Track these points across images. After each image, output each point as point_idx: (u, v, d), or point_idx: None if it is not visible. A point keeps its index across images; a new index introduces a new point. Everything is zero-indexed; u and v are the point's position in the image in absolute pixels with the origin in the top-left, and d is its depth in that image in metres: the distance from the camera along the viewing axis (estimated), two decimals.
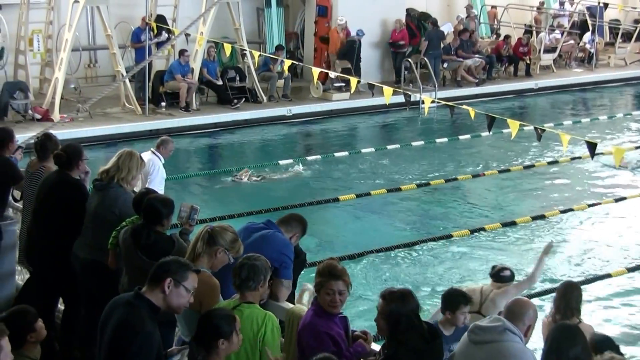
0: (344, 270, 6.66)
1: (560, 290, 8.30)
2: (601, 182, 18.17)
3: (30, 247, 9.11)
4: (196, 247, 6.86)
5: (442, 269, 13.49)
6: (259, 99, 23.31)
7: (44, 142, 9.80)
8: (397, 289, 6.30)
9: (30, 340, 6.60)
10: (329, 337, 6.49)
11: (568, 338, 6.09)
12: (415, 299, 6.18)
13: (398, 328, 6.02)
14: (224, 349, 5.80)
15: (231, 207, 15.72)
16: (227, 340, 5.80)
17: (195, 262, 6.73)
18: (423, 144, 21.33)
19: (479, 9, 30.21)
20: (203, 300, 6.62)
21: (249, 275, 6.50)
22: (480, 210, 16.39)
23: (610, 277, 13.25)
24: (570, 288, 8.27)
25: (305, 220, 8.36)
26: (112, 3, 21.47)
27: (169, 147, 12.80)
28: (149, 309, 5.71)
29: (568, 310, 8.04)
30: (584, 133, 20.63)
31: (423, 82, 25.07)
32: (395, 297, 6.14)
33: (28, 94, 20.40)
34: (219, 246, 6.84)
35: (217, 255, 6.86)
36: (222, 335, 5.78)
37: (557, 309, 8.09)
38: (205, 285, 6.64)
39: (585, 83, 28.77)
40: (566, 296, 8.15)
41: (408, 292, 6.23)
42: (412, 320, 6.08)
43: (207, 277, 6.71)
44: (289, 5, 27.16)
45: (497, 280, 9.06)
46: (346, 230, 15.40)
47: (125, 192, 8.60)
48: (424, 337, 6.08)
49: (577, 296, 8.18)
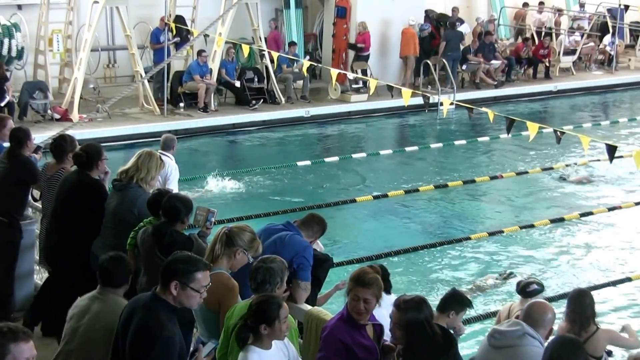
0: (376, 279, 6.43)
1: (572, 300, 7.94)
2: (621, 185, 18.07)
3: (50, 247, 9.11)
4: (214, 249, 6.86)
5: (460, 271, 13.47)
6: (277, 100, 23.32)
7: (59, 143, 9.73)
8: (411, 297, 6.23)
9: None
10: (342, 345, 6.33)
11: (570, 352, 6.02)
12: (429, 306, 6.17)
13: (414, 338, 5.99)
14: (266, 334, 5.89)
15: (249, 208, 15.72)
16: (270, 326, 5.88)
17: (215, 263, 6.74)
18: (441, 145, 21.29)
19: (498, 10, 30.13)
20: (221, 301, 6.62)
21: (265, 279, 6.50)
22: (498, 213, 16.33)
23: (630, 281, 13.17)
24: (581, 296, 7.94)
25: (325, 222, 8.36)
26: (132, 3, 21.53)
27: (174, 144, 12.61)
28: (167, 309, 5.71)
29: (584, 319, 7.83)
30: (603, 136, 20.56)
31: (441, 84, 25.02)
32: (410, 305, 6.10)
33: (47, 93, 20.47)
34: (238, 247, 6.84)
35: (236, 256, 6.85)
36: (265, 320, 5.87)
37: (573, 321, 7.85)
38: (224, 288, 6.64)
39: (605, 86, 28.65)
40: (579, 305, 7.91)
41: (422, 300, 6.20)
42: (427, 331, 6.06)
43: (225, 279, 6.70)
44: (307, 7, 27.16)
45: (526, 296, 8.50)
46: (363, 231, 15.38)
47: (145, 192, 8.61)
48: (439, 348, 6.06)
49: (589, 303, 7.93)
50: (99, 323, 6.52)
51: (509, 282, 12.66)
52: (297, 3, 25.69)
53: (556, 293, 12.19)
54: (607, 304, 12.14)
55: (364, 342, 6.41)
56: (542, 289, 8.65)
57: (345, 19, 25.29)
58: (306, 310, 7.29)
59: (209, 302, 6.61)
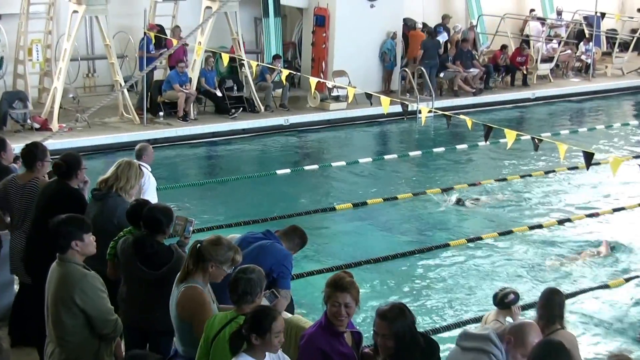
0: (352, 283, 6.49)
1: (543, 296, 8.05)
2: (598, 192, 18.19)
3: (29, 257, 9.00)
4: (188, 264, 6.86)
5: (439, 279, 13.51)
6: (256, 109, 23.36)
7: (30, 149, 9.50)
8: (392, 305, 6.19)
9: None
10: (321, 353, 6.36)
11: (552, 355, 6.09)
12: (410, 311, 6.18)
13: (404, 345, 6.02)
14: (257, 344, 5.98)
15: (228, 216, 15.76)
16: (261, 337, 5.97)
17: (190, 276, 6.78)
18: (420, 153, 21.38)
19: (476, 18, 30.29)
20: (193, 317, 6.66)
21: (246, 290, 6.51)
22: (477, 220, 16.41)
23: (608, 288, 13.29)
24: (552, 294, 8.02)
25: (306, 236, 8.45)
26: (111, 13, 21.50)
27: (149, 151, 12.47)
28: None
29: (550, 317, 7.92)
30: (581, 143, 20.70)
31: (420, 92, 25.14)
32: (395, 314, 6.07)
33: (27, 103, 20.43)
34: (210, 262, 6.82)
35: (210, 270, 6.84)
36: (257, 330, 5.96)
37: (540, 317, 7.96)
38: (195, 303, 6.68)
39: (582, 93, 28.83)
40: (549, 302, 8.01)
41: (403, 306, 6.20)
42: (415, 337, 6.09)
43: (197, 295, 6.73)
44: (286, 15, 27.22)
45: (504, 307, 8.56)
46: (342, 239, 15.43)
47: (124, 201, 8.65)
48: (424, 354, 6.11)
49: (559, 303, 8.03)
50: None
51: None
52: (276, 12, 25.74)
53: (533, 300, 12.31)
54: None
55: (343, 350, 6.43)
56: (518, 299, 8.69)
57: (324, 28, 25.37)
58: (286, 319, 7.34)
59: (182, 314, 6.67)
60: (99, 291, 6.83)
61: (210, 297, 6.91)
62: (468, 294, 12.91)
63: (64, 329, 6.80)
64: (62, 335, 6.82)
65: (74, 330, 6.78)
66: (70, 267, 6.83)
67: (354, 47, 25.22)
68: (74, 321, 6.77)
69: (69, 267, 6.83)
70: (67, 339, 6.79)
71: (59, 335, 6.84)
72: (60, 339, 6.83)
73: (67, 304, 6.75)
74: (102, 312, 6.82)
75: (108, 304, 6.91)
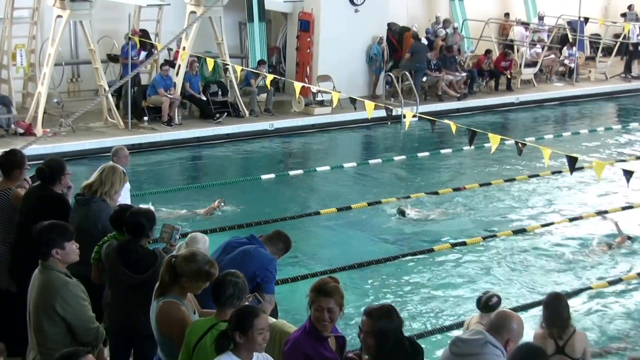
0: (337, 288, 6.50)
1: (548, 304, 8.22)
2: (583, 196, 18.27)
3: (15, 263, 8.94)
4: (164, 278, 6.80)
5: (423, 282, 13.55)
6: (241, 114, 23.36)
7: (8, 157, 9.41)
8: (381, 305, 6.25)
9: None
10: (305, 358, 6.36)
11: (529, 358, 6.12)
12: (398, 314, 6.20)
13: (386, 346, 6.03)
14: (241, 342, 5.99)
15: (213, 221, 15.76)
16: (244, 335, 5.98)
17: (167, 291, 6.75)
18: (405, 158, 21.41)
19: (460, 23, 30.36)
20: (172, 332, 6.64)
21: (234, 293, 6.49)
22: (461, 224, 16.44)
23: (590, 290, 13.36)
24: (557, 300, 8.23)
25: (290, 241, 8.46)
26: (95, 18, 21.47)
27: (123, 154, 12.33)
28: None
29: (563, 321, 8.03)
30: (564, 147, 20.77)
31: (405, 96, 25.18)
32: (381, 314, 6.10)
33: (11, 108, 20.39)
34: (183, 277, 6.74)
35: (185, 285, 6.77)
36: (239, 328, 5.98)
37: (552, 325, 8.04)
38: (173, 319, 6.66)
39: (566, 97, 28.93)
40: (557, 309, 8.10)
41: (392, 308, 6.22)
42: (399, 338, 6.10)
43: (175, 311, 6.69)
44: (271, 20, 27.21)
45: (488, 310, 8.51)
46: (327, 243, 15.46)
47: (108, 206, 8.64)
48: (408, 355, 6.12)
49: (565, 306, 8.16)
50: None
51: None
52: (260, 17, 25.74)
53: (518, 304, 12.37)
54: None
55: (327, 355, 6.45)
56: (500, 302, 8.72)
57: (309, 33, 25.38)
58: (270, 323, 7.34)
59: (161, 329, 6.65)
60: (80, 299, 6.82)
61: (191, 308, 6.88)
62: (455, 297, 12.97)
63: (45, 337, 6.80)
64: (44, 343, 6.81)
65: (55, 338, 6.77)
66: (51, 274, 6.82)
67: (339, 51, 25.23)
68: (55, 329, 6.77)
69: (51, 274, 6.82)
70: (49, 346, 6.77)
71: (40, 343, 6.83)
72: (41, 347, 6.82)
73: (48, 312, 6.74)
74: (83, 321, 6.82)
75: (89, 312, 6.90)
